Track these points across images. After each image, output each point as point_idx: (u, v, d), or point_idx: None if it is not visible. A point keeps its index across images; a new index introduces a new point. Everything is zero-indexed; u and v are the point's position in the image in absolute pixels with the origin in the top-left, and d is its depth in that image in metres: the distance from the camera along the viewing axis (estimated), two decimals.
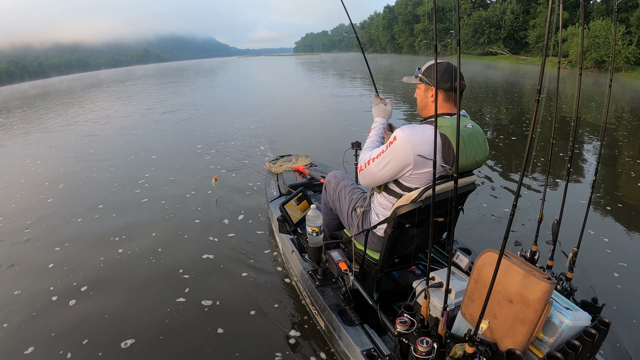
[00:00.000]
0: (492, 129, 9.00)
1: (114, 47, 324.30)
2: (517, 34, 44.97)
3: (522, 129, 8.70)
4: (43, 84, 52.40)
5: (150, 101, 17.30)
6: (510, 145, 7.42)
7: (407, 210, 1.93)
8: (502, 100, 13.83)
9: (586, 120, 9.49)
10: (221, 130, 9.65)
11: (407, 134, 1.87)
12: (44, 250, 4.05)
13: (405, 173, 1.94)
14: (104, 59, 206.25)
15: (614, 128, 8.82)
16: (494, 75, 24.85)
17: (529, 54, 41.00)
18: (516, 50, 44.62)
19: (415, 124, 1.96)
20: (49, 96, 26.42)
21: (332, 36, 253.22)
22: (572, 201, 4.65)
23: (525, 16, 44.22)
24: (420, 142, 1.84)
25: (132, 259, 3.78)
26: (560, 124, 8.59)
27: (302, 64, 50.37)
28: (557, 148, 6.36)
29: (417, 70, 2.08)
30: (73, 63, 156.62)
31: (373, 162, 2.02)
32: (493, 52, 45.17)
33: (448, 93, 1.95)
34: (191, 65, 72.14)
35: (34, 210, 5.18)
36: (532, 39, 40.09)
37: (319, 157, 4.92)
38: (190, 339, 2.69)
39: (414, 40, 69.05)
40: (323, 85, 20.62)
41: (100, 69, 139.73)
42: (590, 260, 3.30)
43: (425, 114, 2.07)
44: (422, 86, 2.06)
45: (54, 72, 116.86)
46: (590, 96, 13.68)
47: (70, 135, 10.38)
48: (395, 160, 1.92)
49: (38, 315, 3.01)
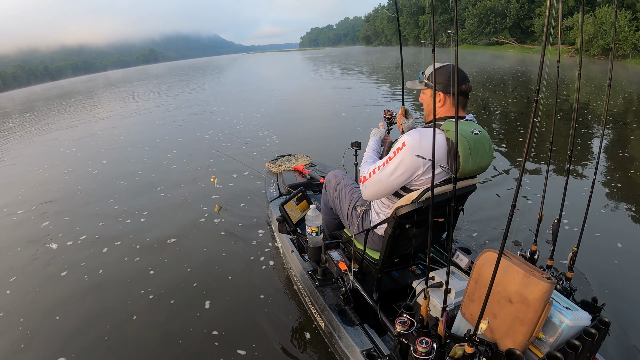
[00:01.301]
0: (497, 121, 8.93)
1: (120, 48, 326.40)
2: (523, 22, 44.53)
3: (525, 122, 8.58)
4: (53, 86, 53.60)
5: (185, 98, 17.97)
6: (514, 140, 7.35)
7: (408, 210, 1.91)
8: (507, 90, 13.73)
9: (594, 109, 9.38)
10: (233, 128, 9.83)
11: (416, 139, 1.84)
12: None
13: (414, 178, 1.91)
14: (109, 60, 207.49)
15: (621, 116, 8.71)
16: (502, 65, 24.68)
17: (535, 43, 40.62)
18: (522, 39, 44.22)
19: (422, 129, 1.93)
20: (69, 96, 27.51)
21: (337, 30, 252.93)
22: (572, 201, 4.62)
23: (530, 4, 43.77)
24: (429, 146, 1.78)
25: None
26: (564, 114, 8.49)
27: (309, 60, 50.39)
28: (558, 145, 6.25)
29: (421, 75, 2.03)
30: (79, 65, 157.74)
31: (379, 169, 1.96)
32: (499, 41, 44.84)
33: (455, 97, 1.90)
34: (202, 63, 72.92)
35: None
36: (538, 28, 39.68)
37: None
38: (188, 339, 2.70)
39: (419, 32, 68.68)
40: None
41: (106, 70, 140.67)
42: (590, 260, 3.26)
43: (430, 119, 2.02)
44: (428, 91, 2.02)
45: (61, 75, 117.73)
46: (600, 84, 13.50)
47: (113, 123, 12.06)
48: (403, 168, 1.88)
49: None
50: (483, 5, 47.52)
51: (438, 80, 1.91)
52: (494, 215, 4.24)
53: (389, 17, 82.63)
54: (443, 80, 1.90)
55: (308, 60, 50.07)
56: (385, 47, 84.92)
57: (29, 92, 44.43)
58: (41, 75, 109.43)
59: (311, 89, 18.42)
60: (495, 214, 4.29)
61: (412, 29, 72.61)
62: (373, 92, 14.81)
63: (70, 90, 34.52)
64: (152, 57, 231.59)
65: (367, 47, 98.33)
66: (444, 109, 1.94)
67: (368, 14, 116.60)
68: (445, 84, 1.89)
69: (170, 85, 26.95)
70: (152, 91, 23.78)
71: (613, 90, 12.03)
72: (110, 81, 42.03)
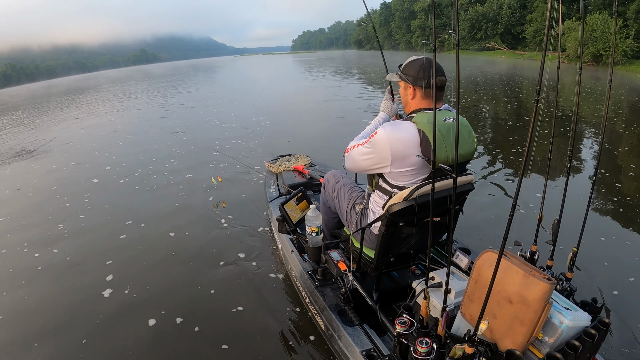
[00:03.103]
0: (491, 125, 9.01)
1: (111, 48, 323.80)
2: (514, 28, 44.96)
3: (518, 124, 8.71)
4: (48, 84, 53.13)
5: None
6: (510, 142, 7.40)
7: (399, 208, 1.92)
8: (501, 95, 13.82)
9: (586, 115, 9.48)
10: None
11: (387, 130, 1.91)
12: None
13: (384, 169, 1.97)
14: (101, 60, 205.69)
15: (613, 122, 8.82)
16: (494, 70, 24.86)
17: (526, 49, 40.98)
18: (513, 45, 44.62)
19: (398, 121, 1.99)
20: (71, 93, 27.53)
21: (329, 34, 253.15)
22: (573, 200, 4.66)
23: (522, 11, 44.25)
24: (398, 139, 1.88)
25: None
26: (558, 119, 8.58)
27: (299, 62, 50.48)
28: (556, 145, 6.32)
29: (398, 67, 2.07)
30: (70, 65, 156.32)
31: (357, 148, 2.07)
32: (490, 47, 45.13)
33: (426, 90, 1.95)
34: (196, 64, 73.07)
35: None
36: (529, 34, 40.03)
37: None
38: (188, 340, 2.69)
39: (410, 37, 68.95)
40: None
41: (97, 70, 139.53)
42: (590, 260, 3.29)
43: (406, 111, 2.08)
44: (402, 83, 2.06)
45: (51, 75, 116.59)
46: (589, 90, 13.67)
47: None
48: (372, 154, 1.97)
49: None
50: (475, 11, 47.85)
51: (409, 73, 1.97)
52: (493, 216, 4.30)
53: (381, 21, 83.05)
54: (413, 73, 1.94)
55: (301, 62, 50.10)
56: (377, 51, 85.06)
57: (24, 90, 44.17)
58: (32, 75, 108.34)
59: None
60: (495, 214, 4.35)
61: (404, 33, 73.02)
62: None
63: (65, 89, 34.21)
64: (144, 58, 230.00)
65: (359, 51, 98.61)
66: (415, 102, 2.00)
67: (360, 18, 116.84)
68: (414, 76, 1.94)
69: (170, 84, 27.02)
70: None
71: (602, 96, 12.17)
72: (111, 80, 41.78)
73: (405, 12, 71.45)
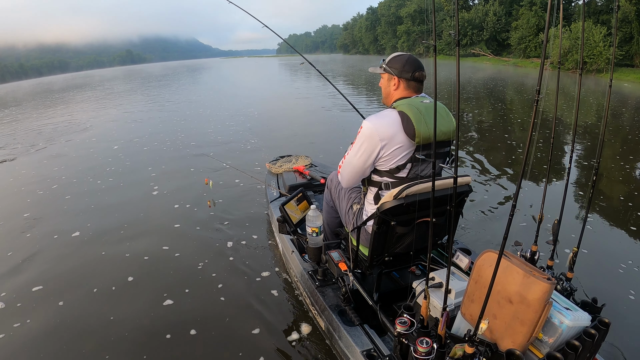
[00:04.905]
0: (487, 129, 9.07)
1: (97, 48, 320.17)
2: (499, 35, 45.48)
3: (507, 127, 8.81)
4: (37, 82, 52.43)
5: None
6: (507, 144, 7.50)
7: (389, 206, 1.94)
8: (493, 99, 14.04)
9: (569, 121, 9.63)
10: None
11: (371, 120, 2.04)
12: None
13: (378, 155, 2.05)
14: (85, 60, 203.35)
15: (596, 126, 9.01)
16: (481, 77, 25.11)
17: (510, 55, 41.46)
18: (498, 51, 45.09)
19: (379, 112, 2.11)
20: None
21: (315, 37, 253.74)
22: (573, 201, 4.74)
23: (507, 18, 44.74)
24: (381, 124, 2.01)
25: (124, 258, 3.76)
26: (544, 124, 8.71)
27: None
28: (540, 151, 6.42)
29: (382, 61, 2.21)
30: (54, 64, 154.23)
31: (347, 155, 2.17)
32: (475, 53, 45.52)
33: (409, 82, 2.10)
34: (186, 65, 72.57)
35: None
36: (514, 41, 40.46)
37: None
38: (187, 340, 2.68)
39: (396, 42, 69.20)
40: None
41: (81, 70, 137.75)
42: (590, 260, 3.33)
43: (388, 102, 2.20)
44: (385, 75, 2.19)
45: (35, 74, 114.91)
46: (574, 96, 13.84)
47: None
48: (363, 145, 2.05)
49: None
50: (461, 17, 48.20)
51: (394, 66, 2.12)
52: (493, 216, 4.34)
53: (367, 26, 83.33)
54: (398, 66, 2.10)
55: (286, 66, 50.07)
56: (363, 55, 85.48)
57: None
58: (16, 73, 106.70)
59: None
60: (495, 214, 4.39)
61: (390, 38, 73.30)
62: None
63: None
64: (129, 59, 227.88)
65: (345, 55, 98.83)
66: (398, 92, 2.14)
67: (346, 23, 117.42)
68: (400, 69, 2.09)
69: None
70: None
71: (586, 105, 12.40)
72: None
73: (391, 17, 71.76)
